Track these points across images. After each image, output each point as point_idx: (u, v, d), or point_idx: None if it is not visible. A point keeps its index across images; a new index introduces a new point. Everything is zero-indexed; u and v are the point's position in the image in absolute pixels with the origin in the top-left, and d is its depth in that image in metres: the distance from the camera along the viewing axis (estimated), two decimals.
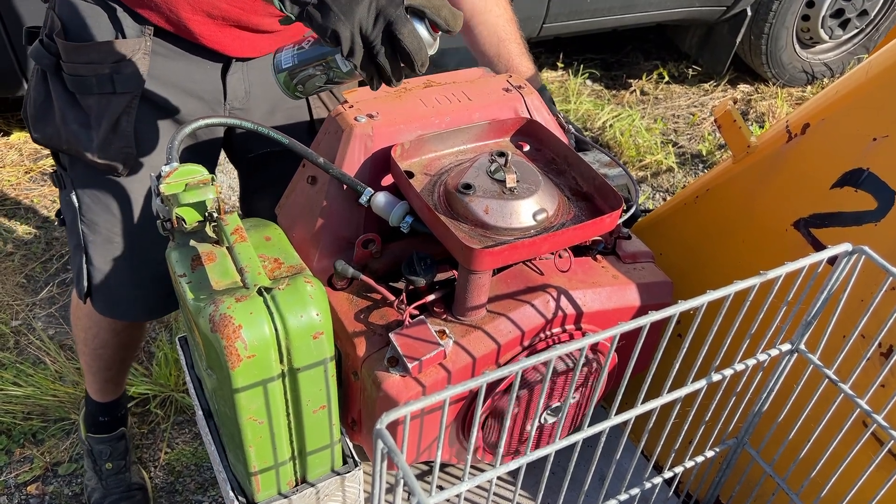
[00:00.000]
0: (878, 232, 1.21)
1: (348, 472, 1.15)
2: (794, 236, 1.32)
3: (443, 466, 1.43)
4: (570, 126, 1.45)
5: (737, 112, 1.45)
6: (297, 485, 1.13)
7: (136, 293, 1.60)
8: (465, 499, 1.35)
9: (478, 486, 1.37)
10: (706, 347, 0.97)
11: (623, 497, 1.12)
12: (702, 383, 1.00)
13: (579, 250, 1.31)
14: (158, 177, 1.06)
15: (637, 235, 1.38)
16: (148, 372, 2.28)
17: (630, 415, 0.96)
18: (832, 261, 1.00)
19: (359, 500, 1.21)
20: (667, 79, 3.87)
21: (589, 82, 3.83)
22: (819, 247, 1.29)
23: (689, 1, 3.38)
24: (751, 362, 1.03)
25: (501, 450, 0.93)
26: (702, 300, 0.86)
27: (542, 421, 1.24)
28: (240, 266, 0.98)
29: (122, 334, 1.76)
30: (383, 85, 1.36)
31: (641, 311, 1.26)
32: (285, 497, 1.11)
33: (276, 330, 0.94)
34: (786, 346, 1.07)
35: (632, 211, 1.31)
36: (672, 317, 0.85)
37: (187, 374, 1.29)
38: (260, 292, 0.96)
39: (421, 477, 1.41)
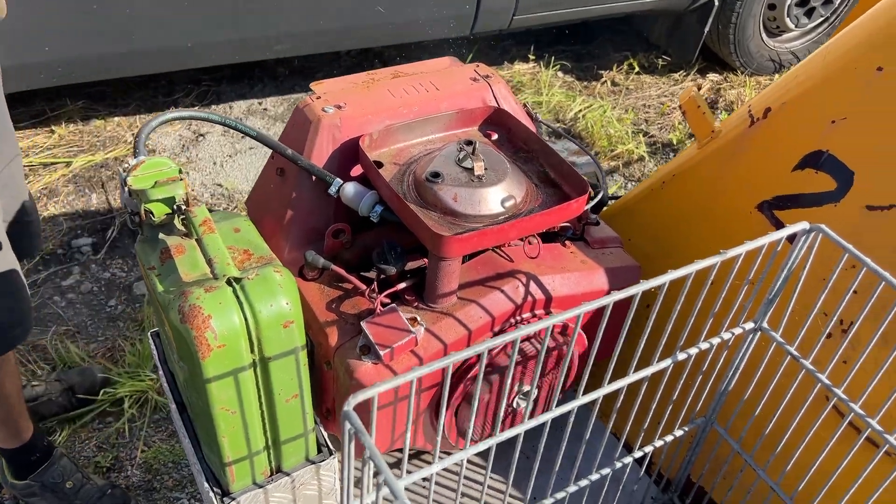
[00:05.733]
0: (837, 212, 1.24)
1: (323, 460, 1.16)
2: (757, 218, 1.35)
3: (419, 454, 1.44)
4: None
5: (701, 98, 1.47)
6: (272, 474, 1.13)
7: None
8: (438, 483, 1.37)
9: (451, 472, 1.38)
10: (670, 325, 0.99)
11: (594, 477, 1.14)
12: (667, 362, 1.02)
13: (548, 237, 1.32)
14: (126, 170, 1.06)
15: (606, 222, 1.40)
16: (123, 371, 2.27)
17: (597, 394, 0.98)
18: (792, 239, 1.03)
19: (334, 488, 1.22)
20: (637, 69, 3.90)
21: (560, 74, 3.85)
22: (781, 228, 1.31)
23: None
24: (715, 341, 1.05)
25: (471, 431, 0.94)
26: (663, 279, 0.87)
27: (515, 405, 1.26)
28: (208, 257, 0.98)
29: None
30: (350, 76, 1.37)
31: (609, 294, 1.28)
32: (260, 487, 1.12)
33: (245, 319, 0.94)
34: (749, 325, 1.10)
35: (599, 196, 1.32)
36: (635, 296, 0.86)
37: (160, 368, 1.28)
38: (229, 282, 0.96)
39: (396, 465, 1.42)
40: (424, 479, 1.22)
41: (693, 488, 1.35)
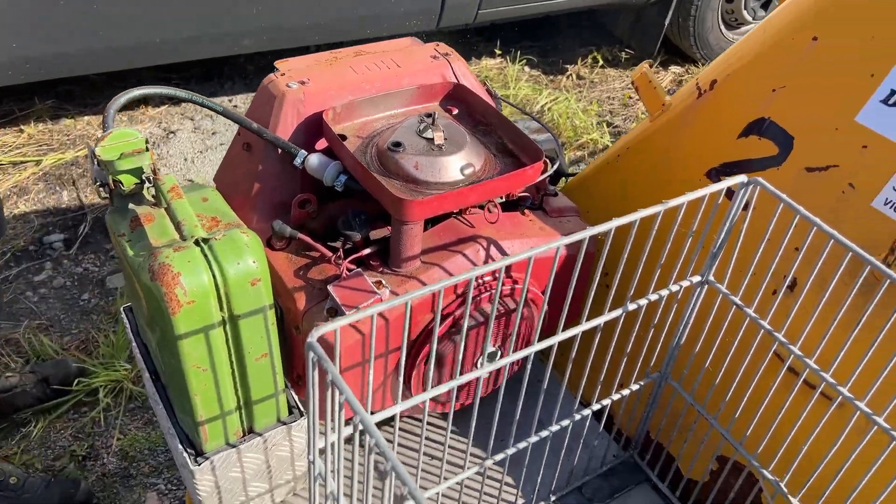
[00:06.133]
0: (780, 175, 1.31)
1: (294, 421, 1.20)
2: (707, 185, 1.41)
3: (386, 423, 1.48)
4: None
5: (652, 74, 1.54)
6: (244, 435, 1.17)
7: None
8: (401, 444, 1.41)
9: (414, 434, 1.42)
10: (618, 276, 1.05)
11: (554, 428, 1.20)
12: (619, 312, 1.08)
13: (509, 206, 1.38)
14: (95, 142, 1.10)
15: (565, 196, 1.46)
16: (98, 362, 2.28)
17: (552, 340, 1.04)
18: (732, 195, 1.09)
19: (306, 449, 1.26)
20: (601, 63, 3.99)
21: (527, 69, 3.92)
22: (729, 193, 1.38)
23: None
24: (664, 293, 1.11)
25: (431, 377, 0.99)
26: (610, 225, 0.93)
27: (479, 366, 1.31)
28: (177, 220, 1.02)
29: None
30: (314, 54, 1.42)
31: (567, 260, 1.34)
32: (233, 447, 1.15)
33: (214, 277, 0.98)
34: (696, 278, 1.16)
35: (555, 166, 1.38)
36: (584, 241, 0.92)
37: (133, 340, 1.32)
38: (197, 243, 1.00)
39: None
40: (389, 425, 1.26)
41: (651, 444, 1.41)
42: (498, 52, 3.96)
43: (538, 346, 1.03)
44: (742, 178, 1.04)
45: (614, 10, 3.88)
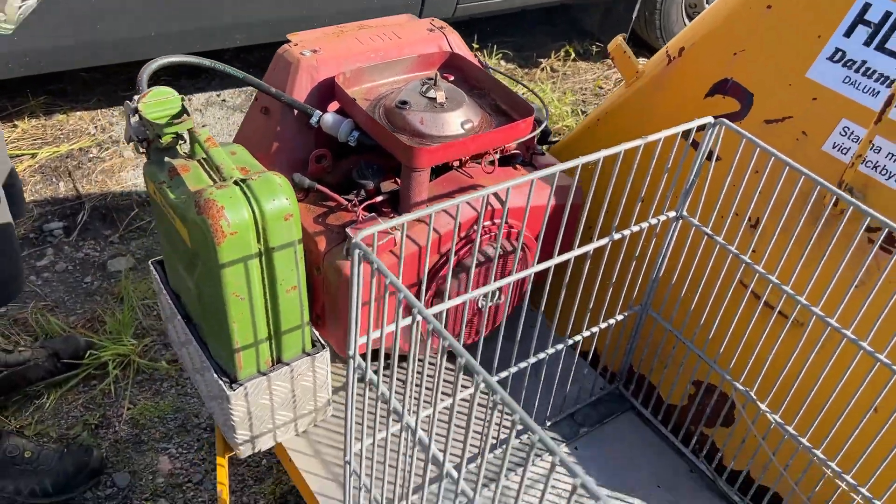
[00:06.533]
0: (743, 128, 1.46)
1: (318, 353, 1.33)
2: (679, 143, 1.57)
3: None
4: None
5: (626, 45, 1.70)
6: (273, 364, 1.30)
7: None
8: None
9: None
10: (604, 211, 1.20)
11: (550, 350, 1.34)
12: (605, 241, 1.23)
13: (502, 162, 1.53)
14: (135, 100, 1.22)
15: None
16: (105, 338, 2.38)
17: (549, 263, 1.18)
18: (696, 146, 1.25)
19: (327, 381, 1.39)
20: (573, 56, 4.17)
21: (503, 62, 4.09)
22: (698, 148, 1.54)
23: None
24: (644, 225, 1.27)
25: (448, 290, 1.12)
26: (598, 155, 1.08)
27: (480, 306, 1.45)
28: (216, 165, 1.15)
29: None
30: (321, 28, 1.55)
31: (556, 209, 1.49)
32: (264, 375, 1.28)
33: (253, 212, 1.11)
34: (672, 213, 1.32)
35: (543, 125, 1.53)
36: (577, 168, 1.07)
37: (163, 290, 1.43)
38: (236, 183, 1.13)
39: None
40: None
41: (634, 376, 1.56)
42: (475, 46, 4.13)
43: (537, 268, 1.17)
44: (709, 118, 1.20)
45: (585, 5, 4.06)
